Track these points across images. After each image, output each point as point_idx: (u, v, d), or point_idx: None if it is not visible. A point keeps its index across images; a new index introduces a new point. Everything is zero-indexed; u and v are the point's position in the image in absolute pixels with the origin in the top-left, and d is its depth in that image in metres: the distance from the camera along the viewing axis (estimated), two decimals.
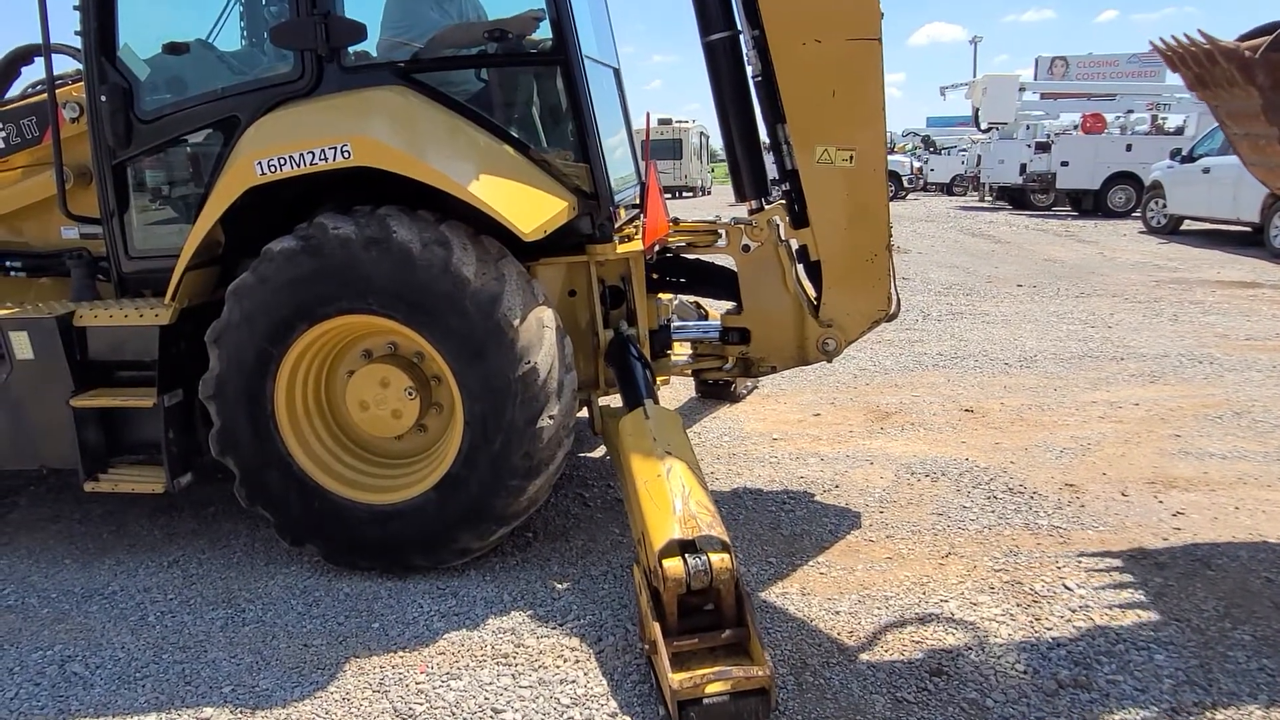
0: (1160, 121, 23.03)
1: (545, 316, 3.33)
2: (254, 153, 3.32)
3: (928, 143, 39.78)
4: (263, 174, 3.29)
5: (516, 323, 3.18)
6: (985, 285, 10.61)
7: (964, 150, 33.59)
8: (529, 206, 3.37)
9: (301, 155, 3.26)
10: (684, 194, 33.22)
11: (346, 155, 3.22)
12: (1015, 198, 24.27)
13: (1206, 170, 14.78)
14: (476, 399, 3.23)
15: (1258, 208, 13.27)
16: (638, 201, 4.46)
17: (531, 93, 3.92)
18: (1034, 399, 5.75)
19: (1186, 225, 16.29)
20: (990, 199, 26.68)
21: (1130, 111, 23.96)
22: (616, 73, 4.66)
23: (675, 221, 4.27)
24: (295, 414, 3.48)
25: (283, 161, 3.27)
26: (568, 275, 3.87)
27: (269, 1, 3.89)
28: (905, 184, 30.67)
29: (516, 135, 3.67)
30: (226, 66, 3.91)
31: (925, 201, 29.62)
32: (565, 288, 3.88)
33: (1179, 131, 21.80)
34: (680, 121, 34.26)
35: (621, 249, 3.82)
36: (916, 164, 33.61)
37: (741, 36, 3.81)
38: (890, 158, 34.64)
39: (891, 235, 3.86)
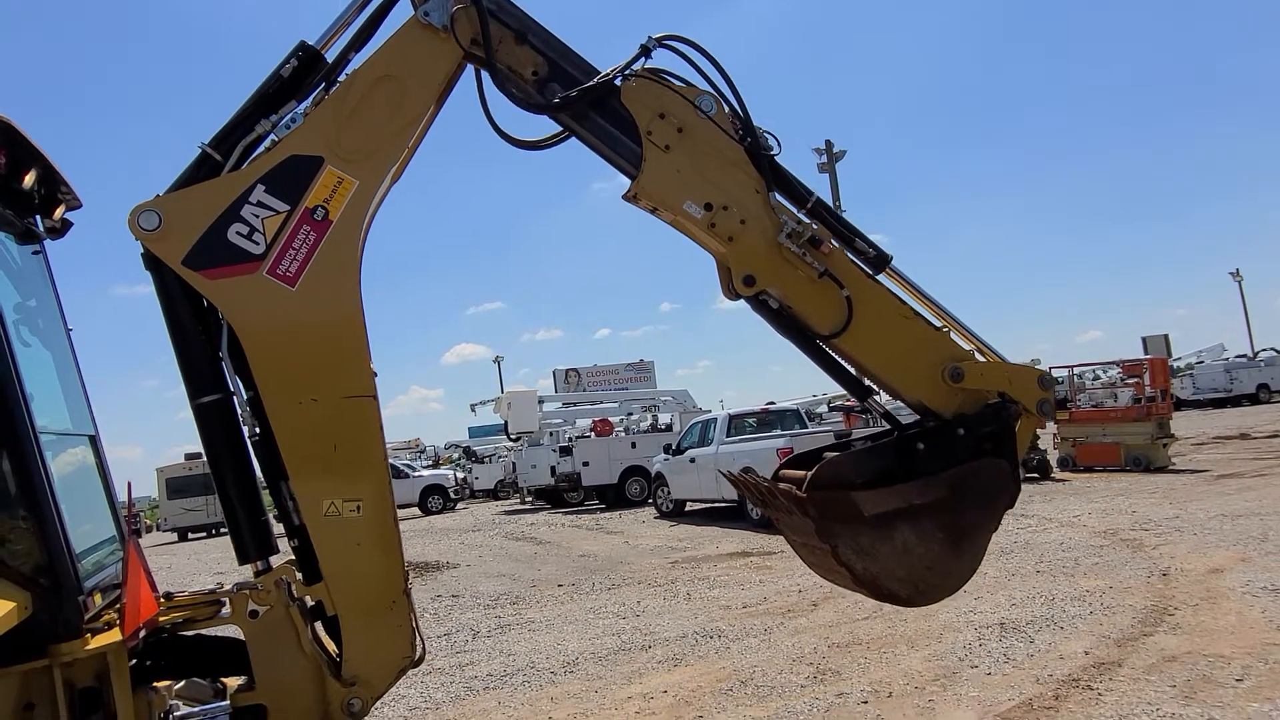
0: (654, 421, 27.41)
1: None
2: None
3: (470, 453, 41.87)
4: None
5: None
6: (530, 591, 11.04)
7: (503, 457, 36.02)
8: None
9: None
10: (222, 530, 30.49)
11: None
12: (551, 497, 26.32)
13: (693, 460, 17.69)
14: None
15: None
16: (120, 581, 3.93)
17: None
18: (578, 706, 5.92)
19: (689, 506, 19.02)
20: (530, 501, 28.55)
21: (631, 414, 28.23)
22: (93, 439, 4.25)
23: (167, 597, 3.82)
24: None
25: None
26: (21, 687, 3.17)
27: None
28: (452, 495, 31.65)
29: None
30: None
31: (473, 510, 30.66)
32: (18, 703, 3.16)
33: (669, 428, 26.04)
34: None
35: (96, 642, 3.27)
36: (461, 475, 35.04)
37: (235, 398, 3.79)
38: (436, 471, 35.65)
39: (409, 578, 3.89)
